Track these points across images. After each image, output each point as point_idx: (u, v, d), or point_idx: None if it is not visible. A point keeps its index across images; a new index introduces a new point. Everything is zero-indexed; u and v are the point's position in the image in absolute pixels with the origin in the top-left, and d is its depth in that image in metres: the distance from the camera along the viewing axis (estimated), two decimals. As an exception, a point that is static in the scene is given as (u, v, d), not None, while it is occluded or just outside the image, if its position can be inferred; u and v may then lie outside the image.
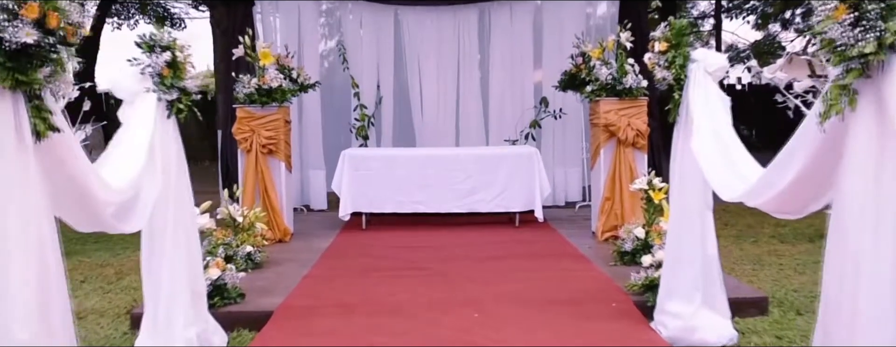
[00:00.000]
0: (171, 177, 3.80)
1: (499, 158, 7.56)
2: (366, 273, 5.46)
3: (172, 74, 3.76)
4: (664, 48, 3.99)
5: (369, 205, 7.44)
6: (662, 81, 4.01)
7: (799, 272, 5.77)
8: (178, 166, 3.89)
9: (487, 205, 7.45)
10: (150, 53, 3.75)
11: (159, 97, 3.72)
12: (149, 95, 3.70)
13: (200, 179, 12.65)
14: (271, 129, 6.79)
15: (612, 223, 6.66)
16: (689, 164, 3.87)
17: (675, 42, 3.98)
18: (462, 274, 5.33)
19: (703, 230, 3.97)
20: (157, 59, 3.72)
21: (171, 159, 3.83)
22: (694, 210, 3.96)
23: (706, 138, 3.67)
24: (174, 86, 3.76)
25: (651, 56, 4.07)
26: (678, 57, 3.93)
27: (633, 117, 6.71)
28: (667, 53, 3.97)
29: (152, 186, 3.59)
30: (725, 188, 3.37)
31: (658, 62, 3.99)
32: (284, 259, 6.03)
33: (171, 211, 3.81)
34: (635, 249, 5.55)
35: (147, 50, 3.75)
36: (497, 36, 9.47)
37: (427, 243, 6.72)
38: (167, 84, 3.73)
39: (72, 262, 6.61)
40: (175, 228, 3.84)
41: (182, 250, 3.89)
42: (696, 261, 3.97)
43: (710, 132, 3.67)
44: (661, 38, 4.04)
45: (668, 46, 3.98)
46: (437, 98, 9.51)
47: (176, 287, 3.85)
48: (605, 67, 6.79)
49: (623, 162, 6.68)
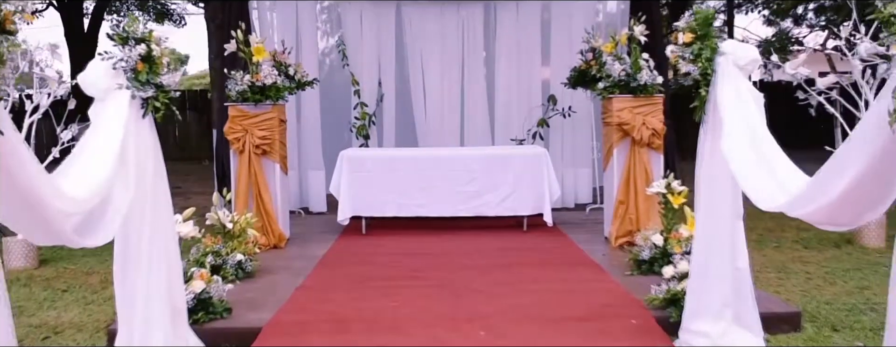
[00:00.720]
0: (146, 182, 3.45)
1: (506, 158, 7.19)
2: (364, 284, 5.10)
3: (148, 69, 3.41)
4: (689, 40, 3.62)
5: (369, 209, 7.07)
6: (687, 76, 3.63)
7: (829, 282, 5.39)
8: (155, 171, 3.54)
9: (494, 208, 7.08)
10: (122, 46, 3.40)
11: (133, 95, 3.37)
12: (121, 93, 3.36)
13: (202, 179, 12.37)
14: (265, 128, 6.42)
15: (627, 229, 6.29)
16: (718, 168, 3.50)
17: (702, 33, 3.61)
18: (467, 286, 4.97)
19: (733, 242, 3.60)
20: (131, 52, 3.37)
21: (147, 163, 3.47)
22: (723, 219, 3.59)
23: (739, 140, 3.30)
24: (150, 82, 3.41)
25: (674, 48, 3.69)
26: (705, 49, 3.56)
27: (648, 116, 6.33)
28: (692, 45, 3.60)
29: (124, 193, 3.23)
30: (763, 197, 3.00)
31: (683, 55, 3.61)
32: (278, 268, 5.67)
33: (147, 220, 3.47)
34: (653, 257, 5.18)
35: (119, 43, 3.40)
36: (503, 31, 9.08)
37: (430, 249, 6.35)
38: (142, 80, 3.39)
39: (56, 269, 6.27)
40: (152, 238, 3.49)
41: (160, 262, 3.54)
42: (726, 276, 3.60)
43: (743, 133, 3.30)
44: (685, 28, 3.66)
45: (694, 38, 3.61)
46: (441, 96, 9.13)
47: (153, 304, 3.51)
48: (618, 63, 6.41)
49: (638, 163, 6.30)
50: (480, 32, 9.13)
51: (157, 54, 3.44)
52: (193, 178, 13.47)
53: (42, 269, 6.29)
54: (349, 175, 7.02)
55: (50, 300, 5.39)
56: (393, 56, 9.11)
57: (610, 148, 6.53)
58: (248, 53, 6.42)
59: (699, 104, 3.63)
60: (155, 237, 3.50)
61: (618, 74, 6.35)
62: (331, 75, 9.51)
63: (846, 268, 5.81)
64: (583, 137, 9.03)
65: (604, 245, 6.45)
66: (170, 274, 3.64)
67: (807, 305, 4.77)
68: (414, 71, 9.15)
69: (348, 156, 7.13)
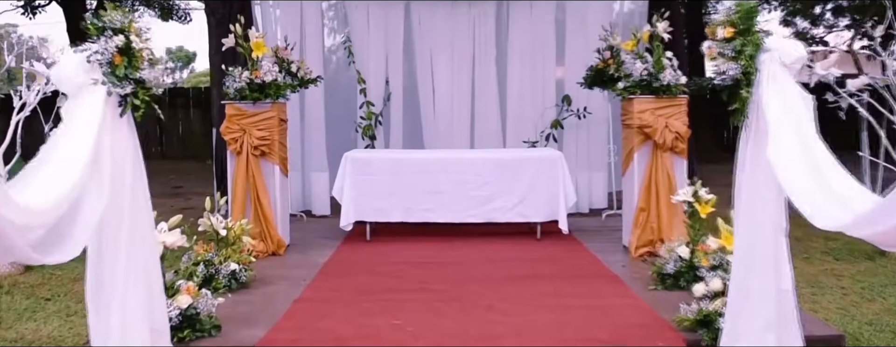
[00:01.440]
0: (124, 189, 3.09)
1: (519, 162, 6.81)
2: (367, 297, 4.73)
3: (126, 62, 3.05)
4: (729, 35, 3.24)
5: (374, 214, 6.70)
6: (725, 76, 3.26)
7: (867, 299, 5.01)
8: (135, 176, 3.18)
9: (506, 214, 6.70)
10: (98, 38, 3.04)
11: (109, 91, 3.01)
12: (97, 89, 3.00)
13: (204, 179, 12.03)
14: (264, 128, 6.07)
15: (648, 238, 5.91)
16: (762, 178, 3.13)
17: (743, 27, 3.23)
18: (478, 300, 4.59)
19: (776, 260, 3.22)
20: (107, 44, 3.02)
21: (125, 168, 3.12)
22: (766, 235, 3.21)
23: (787, 148, 2.92)
24: (128, 77, 3.05)
25: (712, 45, 3.31)
26: (748, 45, 3.18)
27: (671, 118, 5.95)
28: (733, 41, 3.22)
29: (96, 201, 2.88)
30: (821, 214, 2.62)
31: (722, 52, 3.23)
32: (275, 277, 5.32)
33: (124, 231, 3.11)
34: (679, 271, 4.81)
35: (95, 33, 3.05)
36: (516, 29, 8.70)
37: (438, 258, 5.98)
38: (119, 75, 3.02)
39: (42, 275, 5.93)
40: (130, 252, 3.14)
41: (138, 278, 3.19)
42: (769, 298, 3.22)
43: (792, 140, 2.93)
44: (724, 22, 3.28)
45: (734, 33, 3.23)
46: (451, 96, 8.74)
47: (130, 324, 3.15)
48: (639, 62, 6.03)
49: (660, 168, 5.92)
50: (492, 30, 8.74)
51: (137, 47, 3.08)
52: (195, 178, 13.16)
53: (28, 275, 5.95)
54: (353, 178, 6.66)
55: (31, 310, 5.06)
56: (401, 54, 8.73)
57: (630, 152, 6.15)
58: (246, 49, 6.07)
59: (739, 107, 3.25)
60: (133, 250, 3.15)
61: (639, 73, 5.97)
62: (336, 74, 9.14)
63: (884, 283, 5.43)
64: (598, 139, 8.64)
65: (623, 255, 6.07)
66: (150, 291, 3.29)
67: (847, 326, 4.41)
68: (422, 69, 8.77)
69: (352, 157, 6.76)
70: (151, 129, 18.95)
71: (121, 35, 3.02)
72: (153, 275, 3.31)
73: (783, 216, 3.19)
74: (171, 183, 13.17)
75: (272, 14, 8.51)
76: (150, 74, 3.10)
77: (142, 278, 3.20)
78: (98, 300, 3.10)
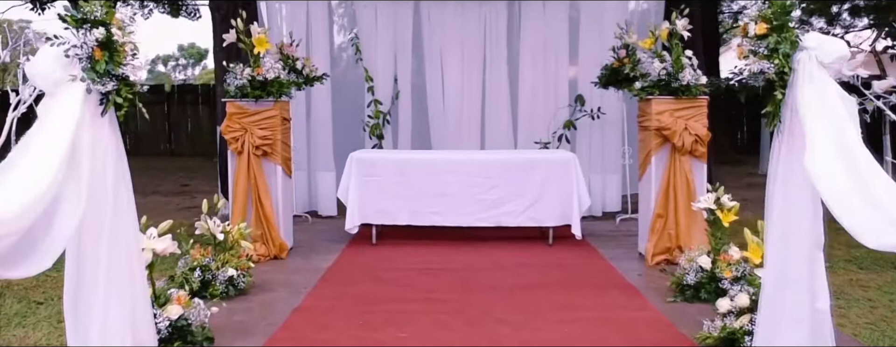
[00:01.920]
0: (105, 193, 2.87)
1: (531, 164, 6.55)
2: (370, 307, 4.49)
3: (107, 57, 2.82)
4: (762, 31, 2.98)
5: (380, 216, 6.46)
6: (758, 76, 3.00)
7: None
8: (117, 178, 2.94)
9: (516, 218, 6.45)
10: (77, 30, 2.82)
11: (89, 88, 2.79)
12: (75, 85, 2.78)
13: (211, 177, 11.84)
14: (266, 127, 5.84)
15: (665, 245, 5.66)
16: (797, 189, 2.88)
17: (778, 23, 2.97)
18: (488, 311, 4.35)
19: (812, 277, 2.96)
20: (87, 37, 2.79)
21: (106, 172, 2.88)
22: (802, 250, 2.95)
23: (826, 156, 2.67)
24: (110, 73, 2.82)
25: (744, 42, 3.05)
26: (783, 43, 2.92)
27: (690, 120, 5.69)
28: (767, 38, 2.96)
29: (72, 209, 2.66)
30: (868, 231, 2.38)
31: (756, 49, 2.97)
32: (275, 283, 5.09)
33: (104, 240, 2.89)
34: (700, 282, 4.56)
35: (73, 26, 2.82)
36: (528, 27, 8.44)
37: (446, 264, 5.74)
38: (99, 71, 2.79)
39: (37, 277, 5.71)
40: (111, 259, 2.92)
41: (122, 289, 2.96)
42: (803, 317, 2.97)
43: (834, 148, 2.67)
44: (757, 17, 3.03)
45: (768, 29, 2.98)
46: (461, 95, 8.49)
47: (111, 337, 2.92)
48: (657, 61, 5.76)
49: (678, 173, 5.66)
50: (503, 28, 8.48)
51: (119, 40, 2.85)
52: (203, 175, 12.98)
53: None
54: (359, 179, 6.43)
55: (21, 315, 4.84)
56: (410, 52, 8.49)
57: (647, 155, 5.89)
58: (248, 45, 5.84)
59: (772, 110, 2.99)
60: (115, 257, 2.93)
61: (658, 72, 5.70)
62: (343, 72, 8.90)
63: (913, 295, 5.14)
64: (612, 140, 8.37)
65: (638, 263, 5.81)
66: (134, 302, 3.06)
67: (878, 341, 4.14)
68: (432, 68, 8.53)
69: (358, 158, 6.53)
70: (160, 126, 18.81)
71: (101, 27, 2.79)
72: (138, 285, 3.08)
73: (821, 230, 2.93)
74: (180, 181, 13.01)
75: (278, 13, 8.28)
76: (134, 69, 2.86)
77: (125, 288, 2.97)
78: (76, 311, 2.89)
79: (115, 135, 2.95)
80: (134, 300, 3.05)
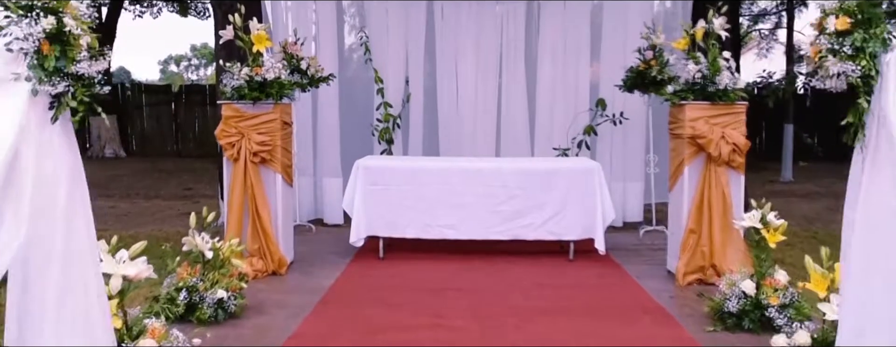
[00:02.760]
0: (54, 218, 2.40)
1: (552, 173, 6.05)
2: (373, 335, 4.02)
3: (57, 52, 2.36)
4: (845, 27, 2.49)
5: (388, 229, 5.99)
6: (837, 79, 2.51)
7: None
8: (72, 196, 2.48)
9: (535, 232, 5.96)
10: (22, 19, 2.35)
11: (35, 90, 2.33)
12: (18, 86, 2.32)
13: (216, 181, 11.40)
14: (265, 132, 5.37)
15: (698, 264, 5.17)
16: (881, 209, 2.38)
17: (865, 16, 2.48)
18: (502, 341, 3.87)
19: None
20: (33, 28, 2.32)
21: (58, 187, 2.42)
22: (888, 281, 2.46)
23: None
24: (61, 71, 2.36)
25: (821, 40, 2.56)
26: (872, 41, 2.43)
27: (728, 127, 5.19)
28: (851, 35, 2.47)
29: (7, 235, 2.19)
30: None
31: (837, 48, 2.48)
32: (270, 305, 4.63)
33: (54, 270, 2.42)
34: (743, 309, 4.06)
35: (17, 13, 2.36)
36: (547, 28, 7.96)
37: (459, 283, 5.26)
38: (48, 68, 2.33)
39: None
40: (63, 296, 2.45)
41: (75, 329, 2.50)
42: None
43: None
44: (837, 10, 2.54)
45: (852, 24, 2.49)
46: (475, 98, 8.02)
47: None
48: (692, 63, 5.27)
49: (714, 186, 5.16)
50: (521, 29, 8.01)
51: (74, 32, 2.39)
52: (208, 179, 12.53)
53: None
54: (365, 188, 5.96)
55: None
56: (422, 53, 8.04)
57: (679, 165, 5.39)
58: (246, 42, 5.38)
59: (854, 120, 2.50)
60: (69, 293, 2.47)
61: (693, 75, 5.21)
62: (352, 73, 8.45)
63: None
64: (635, 147, 7.88)
65: (668, 283, 5.31)
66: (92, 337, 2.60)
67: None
68: (445, 70, 8.06)
69: (364, 166, 6.05)
70: (167, 127, 18.45)
71: (51, 16, 2.32)
72: (97, 323, 2.61)
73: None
74: (184, 184, 12.62)
75: (283, 13, 7.83)
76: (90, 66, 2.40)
77: (80, 328, 2.50)
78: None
79: (70, 144, 2.49)
80: (91, 335, 2.59)
